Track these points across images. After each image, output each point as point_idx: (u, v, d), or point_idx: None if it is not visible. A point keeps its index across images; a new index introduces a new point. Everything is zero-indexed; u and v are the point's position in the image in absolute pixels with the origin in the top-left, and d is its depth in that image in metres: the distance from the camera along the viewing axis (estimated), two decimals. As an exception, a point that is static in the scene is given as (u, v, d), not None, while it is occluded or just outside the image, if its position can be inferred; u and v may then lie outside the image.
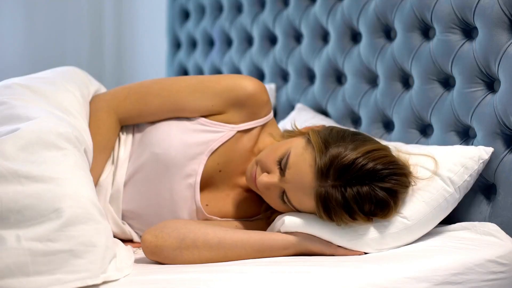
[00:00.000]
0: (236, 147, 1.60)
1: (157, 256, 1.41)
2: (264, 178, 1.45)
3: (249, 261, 1.40)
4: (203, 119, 1.59)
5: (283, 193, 1.45)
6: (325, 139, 1.41)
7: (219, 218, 1.59)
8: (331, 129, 1.48)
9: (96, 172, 1.57)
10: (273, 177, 1.44)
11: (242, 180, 1.62)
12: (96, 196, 1.31)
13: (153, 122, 1.63)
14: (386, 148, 1.45)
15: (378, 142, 1.47)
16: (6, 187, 1.20)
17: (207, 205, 1.59)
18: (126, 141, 1.63)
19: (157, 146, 1.57)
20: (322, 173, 1.37)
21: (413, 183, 1.47)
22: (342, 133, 1.45)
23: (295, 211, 1.46)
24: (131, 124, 1.65)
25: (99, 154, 1.55)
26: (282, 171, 1.43)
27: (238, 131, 1.59)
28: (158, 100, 1.60)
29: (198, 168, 1.57)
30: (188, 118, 1.60)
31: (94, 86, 1.71)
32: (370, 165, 1.37)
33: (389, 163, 1.40)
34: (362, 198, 1.36)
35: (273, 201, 1.48)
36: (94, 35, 3.52)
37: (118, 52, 3.61)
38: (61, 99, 1.52)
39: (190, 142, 1.57)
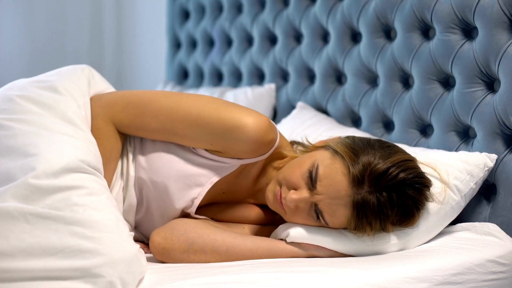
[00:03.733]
0: (240, 175, 1.55)
1: (164, 257, 1.42)
2: (293, 195, 1.39)
3: (246, 262, 1.40)
4: (205, 152, 1.51)
5: (314, 208, 1.40)
6: (352, 148, 1.39)
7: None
8: (352, 138, 1.46)
9: None
10: (303, 193, 1.39)
11: (247, 199, 1.60)
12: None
13: (154, 143, 1.56)
14: (413, 159, 1.44)
15: (405, 151, 1.46)
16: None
17: (212, 218, 1.57)
18: (133, 158, 1.58)
19: (156, 174, 1.52)
20: (358, 180, 1.35)
21: (430, 200, 1.47)
22: (367, 141, 1.43)
23: (325, 226, 1.43)
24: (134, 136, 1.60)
25: (104, 166, 1.48)
26: (312, 185, 1.39)
27: (242, 164, 1.53)
28: (154, 123, 1.51)
29: (198, 197, 1.52)
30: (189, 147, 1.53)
31: (96, 89, 1.63)
32: (402, 175, 1.36)
33: (418, 175, 1.40)
34: (395, 205, 1.36)
35: (302, 218, 1.43)
36: (94, 35, 3.53)
37: (118, 52, 3.61)
38: (65, 109, 1.46)
39: (191, 173, 1.51)
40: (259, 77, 2.52)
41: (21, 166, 1.28)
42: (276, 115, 2.42)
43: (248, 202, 1.60)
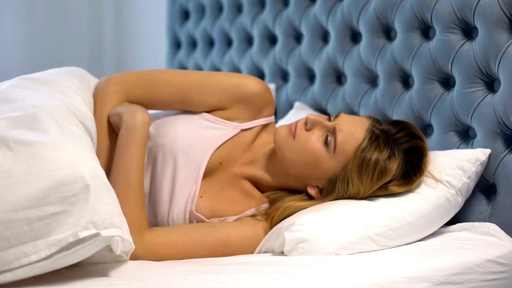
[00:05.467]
0: (238, 142, 1.64)
1: None
2: (311, 116, 1.53)
3: (245, 261, 1.40)
4: (208, 114, 1.64)
5: (327, 136, 1.51)
6: None
7: (206, 219, 1.58)
8: None
9: (107, 158, 1.59)
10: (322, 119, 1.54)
11: (240, 169, 1.63)
12: (95, 159, 1.32)
13: (159, 117, 1.66)
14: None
15: None
16: None
17: (201, 196, 1.59)
18: None
19: (163, 138, 1.60)
20: (377, 120, 1.55)
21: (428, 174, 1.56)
22: None
23: (326, 155, 1.51)
24: None
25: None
26: (332, 120, 1.55)
27: (242, 130, 1.64)
28: (168, 88, 1.63)
29: (202, 162, 1.59)
30: (193, 113, 1.64)
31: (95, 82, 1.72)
32: (414, 140, 1.56)
33: (425, 147, 1.57)
34: (405, 152, 1.51)
35: (311, 142, 1.51)
36: (94, 35, 3.52)
37: (118, 52, 3.61)
38: (59, 84, 1.55)
39: (196, 137, 1.60)
40: (259, 77, 2.51)
41: (10, 107, 1.36)
42: (276, 115, 2.42)
43: (238, 176, 1.63)
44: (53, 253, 1.18)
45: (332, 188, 1.54)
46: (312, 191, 1.56)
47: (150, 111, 1.66)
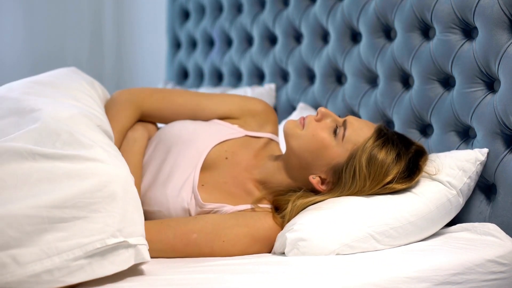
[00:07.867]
0: (244, 144, 1.68)
1: None
2: (325, 109, 1.58)
3: (245, 262, 1.40)
4: (217, 120, 1.75)
5: (336, 127, 1.55)
6: None
7: (201, 200, 1.57)
8: None
9: None
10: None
11: (244, 173, 1.63)
12: (126, 167, 1.35)
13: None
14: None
15: None
16: (22, 164, 1.24)
17: (202, 185, 1.60)
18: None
19: (170, 127, 1.71)
20: (384, 126, 1.57)
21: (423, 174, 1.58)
22: None
23: (334, 142, 1.53)
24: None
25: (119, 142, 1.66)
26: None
27: (247, 135, 1.71)
28: (181, 98, 1.76)
29: (203, 151, 1.63)
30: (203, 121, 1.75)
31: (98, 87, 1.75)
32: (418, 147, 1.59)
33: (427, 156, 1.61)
34: (410, 154, 1.53)
35: (319, 130, 1.55)
36: (94, 35, 3.53)
37: (118, 52, 3.61)
38: (69, 86, 1.59)
39: (201, 130, 1.69)
40: (259, 77, 2.52)
41: (30, 119, 1.38)
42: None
43: (242, 179, 1.63)
44: (77, 256, 1.17)
45: (337, 180, 1.53)
46: (313, 180, 1.55)
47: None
